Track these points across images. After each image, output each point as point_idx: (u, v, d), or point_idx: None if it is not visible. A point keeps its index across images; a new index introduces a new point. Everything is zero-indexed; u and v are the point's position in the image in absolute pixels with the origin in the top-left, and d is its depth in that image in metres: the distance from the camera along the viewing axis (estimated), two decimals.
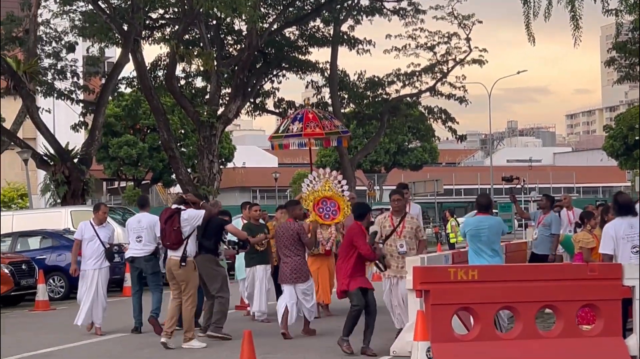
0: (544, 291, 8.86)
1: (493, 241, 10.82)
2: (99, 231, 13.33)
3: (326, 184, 14.49)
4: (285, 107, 33.60)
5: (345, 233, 11.27)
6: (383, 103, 35.32)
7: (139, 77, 28.65)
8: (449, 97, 35.30)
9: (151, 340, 12.02)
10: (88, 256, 13.22)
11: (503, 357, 8.58)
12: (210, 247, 12.22)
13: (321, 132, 15.82)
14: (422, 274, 8.65)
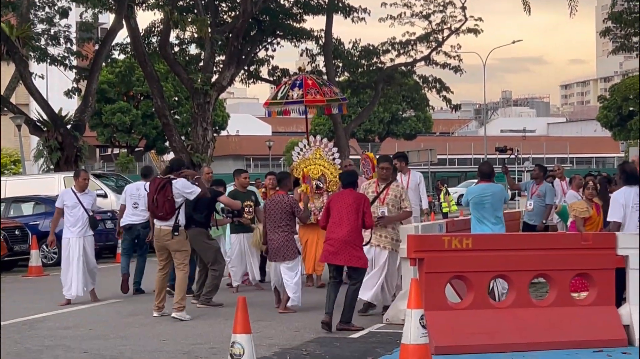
0: (538, 260, 8.90)
1: (496, 208, 11.08)
2: (82, 198, 13.04)
3: (317, 152, 14.27)
4: (279, 75, 33.47)
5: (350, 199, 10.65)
6: (377, 72, 35.20)
7: (133, 44, 28.48)
8: (443, 66, 35.17)
9: (144, 307, 12.05)
10: (72, 223, 12.94)
11: (496, 325, 8.62)
12: (201, 221, 12.09)
13: (322, 99, 15.45)
14: (416, 242, 8.67)
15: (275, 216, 11.43)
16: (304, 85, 15.45)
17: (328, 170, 14.21)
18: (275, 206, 11.48)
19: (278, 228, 11.41)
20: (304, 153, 14.36)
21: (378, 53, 35.14)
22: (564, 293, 8.98)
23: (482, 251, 8.72)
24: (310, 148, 14.41)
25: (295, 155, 14.42)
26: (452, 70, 35.17)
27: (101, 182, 23.20)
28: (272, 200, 11.61)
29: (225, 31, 29.70)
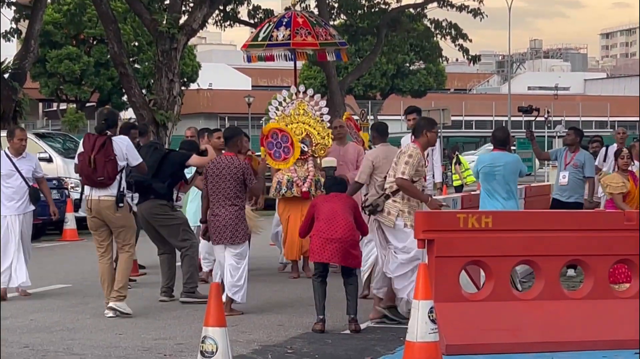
0: (571, 244, 8.94)
1: (508, 181, 11.39)
2: (19, 164, 12.28)
3: (300, 106, 13.73)
4: (261, 17, 33.38)
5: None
6: (380, 15, 35.12)
7: None
8: (460, 8, 35.12)
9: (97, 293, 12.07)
10: (8, 196, 12.21)
11: (520, 320, 8.68)
12: (163, 191, 11.62)
13: (314, 42, 14.76)
14: (425, 220, 8.69)
15: (221, 185, 10.69)
16: (292, 24, 14.73)
17: (315, 130, 13.68)
18: (221, 172, 10.71)
19: (225, 200, 10.68)
20: (283, 108, 13.78)
21: None
22: (601, 283, 9.04)
23: (504, 232, 8.75)
24: (291, 101, 13.80)
25: (272, 110, 13.85)
26: (470, 13, 35.13)
27: (45, 143, 23.15)
28: (217, 164, 10.78)
29: None
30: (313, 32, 14.61)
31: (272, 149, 13.50)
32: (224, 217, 10.65)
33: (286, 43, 14.64)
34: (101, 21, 30.06)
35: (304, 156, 13.59)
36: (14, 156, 12.34)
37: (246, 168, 10.76)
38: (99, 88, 56.50)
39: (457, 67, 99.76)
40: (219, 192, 10.70)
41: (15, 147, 12.38)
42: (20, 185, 12.27)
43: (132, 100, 28.10)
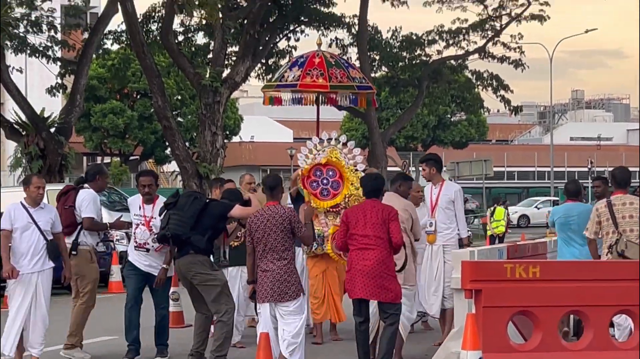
0: (620, 294, 8.87)
1: (583, 229, 11.47)
2: (36, 215, 10.98)
3: (332, 154, 12.53)
4: None
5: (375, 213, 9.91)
6: (422, 67, 35.26)
7: (129, 31, 28.70)
8: (502, 60, 35.19)
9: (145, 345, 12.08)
10: (23, 252, 10.89)
11: None
12: (202, 245, 10.74)
13: (325, 84, 13.22)
14: (473, 270, 8.68)
15: (268, 238, 9.83)
16: (307, 64, 13.37)
17: (348, 180, 12.51)
18: (268, 222, 9.84)
19: (273, 254, 9.79)
20: (314, 156, 12.57)
21: (422, 44, 35.22)
22: None
23: (552, 282, 8.74)
24: (323, 149, 12.56)
25: (302, 159, 12.63)
26: (512, 64, 35.18)
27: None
28: (263, 215, 9.92)
29: (240, 17, 29.88)
30: (327, 73, 13.22)
31: (317, 188, 12.49)
32: (272, 273, 9.74)
33: (293, 84, 13.37)
34: (145, 75, 30.42)
35: (336, 209, 12.38)
36: (31, 206, 11.02)
37: (293, 216, 9.94)
38: (142, 141, 56.97)
39: (498, 117, 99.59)
40: (266, 246, 9.83)
41: (32, 196, 11.00)
42: (38, 239, 10.95)
43: (176, 153, 28.33)
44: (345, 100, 14.15)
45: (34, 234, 10.88)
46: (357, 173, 12.33)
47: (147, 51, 28.35)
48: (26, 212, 10.92)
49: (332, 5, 33.53)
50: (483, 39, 35.21)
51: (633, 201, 10.77)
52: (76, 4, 31.33)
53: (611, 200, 10.80)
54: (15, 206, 11.01)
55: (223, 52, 29.31)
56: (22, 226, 10.88)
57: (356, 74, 13.84)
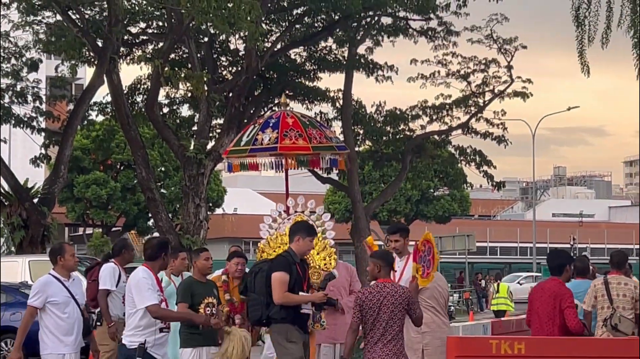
0: None
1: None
2: (72, 288, 9.91)
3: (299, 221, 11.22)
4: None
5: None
6: (405, 142, 35.46)
7: (114, 103, 28.88)
8: (485, 135, 35.44)
9: None
10: (66, 330, 9.76)
11: None
12: (276, 314, 9.84)
13: (306, 146, 12.16)
14: (458, 346, 8.67)
15: (382, 317, 9.17)
16: (281, 125, 12.23)
17: (314, 250, 10.94)
18: (384, 300, 9.17)
19: (385, 335, 9.15)
20: (278, 226, 11.39)
21: (406, 119, 35.47)
22: None
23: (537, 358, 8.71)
24: (288, 217, 11.45)
25: (264, 229, 11.44)
26: (494, 140, 35.42)
27: None
28: (379, 292, 9.20)
29: (225, 90, 30.13)
30: (305, 134, 12.18)
31: (422, 264, 11.05)
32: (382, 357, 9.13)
33: (272, 147, 12.11)
34: (130, 146, 30.54)
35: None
36: (65, 278, 9.92)
37: (411, 296, 9.33)
38: (125, 213, 56.90)
39: (481, 193, 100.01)
40: (378, 326, 9.17)
41: (68, 266, 9.89)
42: (78, 314, 9.86)
43: (159, 224, 28.32)
44: (325, 163, 12.81)
45: (75, 309, 9.82)
46: (325, 241, 11.17)
47: (131, 123, 28.49)
48: (62, 285, 9.82)
49: (317, 80, 33.88)
50: (466, 115, 35.49)
51: (628, 282, 11.72)
52: (62, 75, 31.50)
53: (608, 278, 11.74)
54: (47, 279, 9.84)
55: (208, 124, 29.51)
56: (62, 301, 9.75)
57: (331, 134, 13.01)
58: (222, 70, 32.46)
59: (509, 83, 34.98)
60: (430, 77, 35.08)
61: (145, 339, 9.45)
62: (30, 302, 9.72)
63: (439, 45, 34.40)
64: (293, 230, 10.33)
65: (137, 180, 31.68)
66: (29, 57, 30.40)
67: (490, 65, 34.99)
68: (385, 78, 33.69)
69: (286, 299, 9.74)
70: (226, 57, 32.79)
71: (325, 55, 33.68)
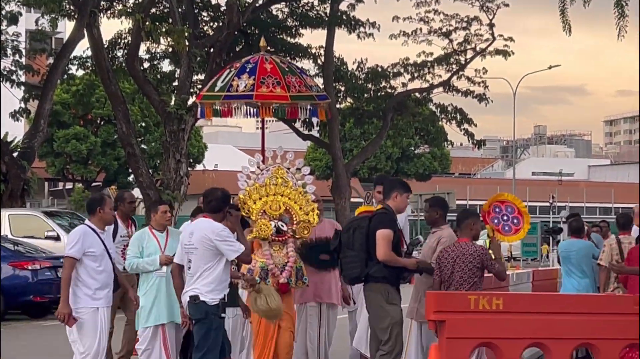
0: (581, 327, 8.94)
1: (581, 263, 13.47)
2: (106, 241, 9.77)
3: (278, 173, 10.95)
4: None
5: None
6: (387, 99, 35.47)
7: (95, 57, 28.71)
8: (466, 93, 35.48)
9: None
10: (101, 284, 9.55)
11: None
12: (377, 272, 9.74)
13: (284, 94, 11.60)
14: (437, 301, 8.72)
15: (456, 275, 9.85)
16: (258, 71, 11.59)
17: (296, 204, 10.82)
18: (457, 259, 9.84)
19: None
20: (256, 176, 10.98)
21: (388, 76, 35.44)
22: None
23: (515, 314, 8.78)
24: (267, 168, 11.06)
25: (242, 180, 11.01)
26: (475, 98, 35.46)
27: (53, 222, 23.24)
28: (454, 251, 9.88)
29: (206, 45, 29.95)
30: (283, 81, 11.61)
31: (499, 224, 12.07)
32: None
33: (248, 95, 11.61)
34: (110, 101, 30.40)
35: (281, 237, 10.66)
36: (101, 230, 9.70)
37: (485, 254, 9.91)
38: (105, 168, 56.78)
39: (461, 151, 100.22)
40: (454, 284, 9.84)
41: (106, 219, 9.76)
42: (110, 268, 9.69)
43: (139, 180, 28.27)
44: (304, 113, 12.44)
45: (108, 263, 9.62)
46: (306, 195, 10.89)
47: (112, 77, 28.34)
48: (98, 237, 9.59)
49: (299, 36, 33.77)
50: (448, 73, 35.49)
51: (632, 241, 12.75)
52: (42, 28, 31.24)
53: (620, 238, 12.91)
54: (84, 229, 9.58)
55: (189, 80, 29.35)
56: (99, 253, 9.55)
57: (312, 82, 12.49)
58: (203, 26, 32.27)
59: (491, 41, 34.99)
60: (412, 34, 35.04)
61: (224, 294, 9.33)
62: (70, 253, 9.39)
63: (421, 2, 34.38)
64: (389, 186, 10.10)
65: (118, 135, 31.56)
66: (9, 10, 30.10)
67: (472, 23, 34.97)
68: (367, 35, 33.61)
69: (390, 257, 9.60)
70: (207, 12, 32.60)
71: (307, 12, 33.56)
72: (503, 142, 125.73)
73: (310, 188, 10.93)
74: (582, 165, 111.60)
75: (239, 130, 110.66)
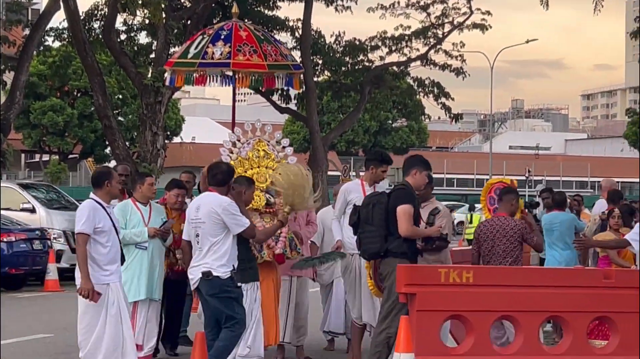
0: (550, 300, 9.07)
1: (564, 235, 13.73)
2: (113, 215, 9.42)
3: (259, 147, 10.93)
4: None
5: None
6: (364, 72, 35.43)
7: (71, 29, 28.55)
8: (443, 67, 35.47)
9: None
10: (110, 260, 9.20)
11: None
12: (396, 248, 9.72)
13: (261, 63, 11.29)
14: (407, 274, 8.81)
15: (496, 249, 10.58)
16: (234, 38, 11.25)
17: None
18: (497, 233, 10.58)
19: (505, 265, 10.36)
20: (238, 150, 10.94)
21: (365, 49, 35.38)
22: (580, 339, 9.15)
23: (484, 287, 8.88)
24: (247, 141, 10.97)
25: (225, 154, 10.96)
26: (453, 72, 35.47)
27: (29, 194, 23.19)
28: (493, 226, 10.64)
29: (183, 17, 29.87)
30: (260, 50, 11.30)
31: (493, 205, 12.07)
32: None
33: (225, 63, 11.26)
34: (87, 73, 30.28)
35: (270, 209, 10.67)
36: (107, 204, 9.34)
37: (525, 228, 10.55)
38: (82, 140, 56.63)
39: (439, 125, 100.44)
40: (494, 257, 10.51)
41: (113, 193, 9.42)
42: (117, 242, 9.37)
43: (116, 152, 28.22)
44: (281, 82, 12.02)
45: (115, 237, 9.27)
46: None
47: (88, 49, 28.22)
48: (105, 211, 9.21)
49: (276, 9, 33.67)
50: (425, 46, 35.45)
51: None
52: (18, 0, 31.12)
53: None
54: (93, 204, 9.16)
55: (166, 52, 29.24)
56: (108, 228, 9.17)
57: (286, 51, 12.23)
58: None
59: (468, 15, 34.95)
60: (390, 7, 34.98)
61: (233, 265, 9.30)
62: (82, 229, 9.00)
63: None
64: (409, 163, 10.03)
65: (94, 107, 31.46)
66: None
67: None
68: (345, 8, 33.57)
69: (412, 232, 9.59)
70: None
71: None
72: (481, 115, 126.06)
73: (291, 160, 10.85)
74: (559, 139, 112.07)
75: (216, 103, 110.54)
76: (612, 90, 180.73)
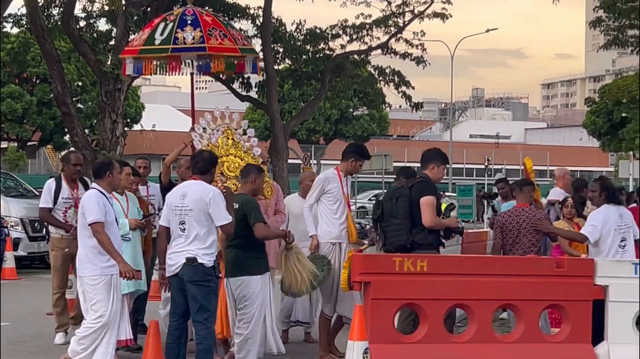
0: (503, 288, 9.18)
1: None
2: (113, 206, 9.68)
3: (228, 134, 10.92)
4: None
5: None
6: (325, 61, 35.48)
7: (30, 15, 28.36)
8: (404, 56, 35.59)
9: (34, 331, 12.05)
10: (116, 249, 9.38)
11: None
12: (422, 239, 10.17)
13: (233, 47, 11.29)
14: (362, 263, 8.89)
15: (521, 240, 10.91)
16: (202, 23, 11.17)
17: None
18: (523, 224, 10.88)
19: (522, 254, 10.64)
20: (208, 136, 10.94)
21: (326, 38, 35.44)
22: (532, 327, 9.28)
23: (438, 276, 8.99)
24: (217, 127, 10.92)
25: (196, 139, 10.98)
26: (413, 61, 35.61)
27: None
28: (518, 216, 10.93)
29: (143, 4, 29.75)
30: (229, 34, 11.24)
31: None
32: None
33: (200, 47, 11.09)
34: (45, 60, 30.08)
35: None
36: (108, 193, 9.55)
37: (548, 218, 10.91)
38: (41, 127, 56.20)
39: (400, 113, 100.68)
40: (518, 248, 10.76)
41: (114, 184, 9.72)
42: (118, 232, 9.58)
43: (75, 140, 28.07)
44: (249, 67, 11.94)
45: (116, 229, 9.43)
46: (256, 158, 10.84)
47: (47, 36, 28.03)
48: (108, 202, 9.35)
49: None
50: (386, 35, 35.56)
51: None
52: None
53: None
54: (97, 194, 9.29)
55: (125, 39, 29.08)
56: (111, 218, 9.34)
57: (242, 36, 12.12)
58: None
59: (429, 4, 35.07)
60: None
61: (216, 254, 9.24)
62: (97, 218, 9.09)
63: None
64: (427, 157, 10.41)
65: (53, 94, 31.24)
66: None
67: None
68: None
69: (436, 223, 9.92)
70: None
71: None
72: (441, 104, 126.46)
73: (256, 151, 10.89)
74: (519, 127, 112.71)
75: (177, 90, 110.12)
76: (572, 79, 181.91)
